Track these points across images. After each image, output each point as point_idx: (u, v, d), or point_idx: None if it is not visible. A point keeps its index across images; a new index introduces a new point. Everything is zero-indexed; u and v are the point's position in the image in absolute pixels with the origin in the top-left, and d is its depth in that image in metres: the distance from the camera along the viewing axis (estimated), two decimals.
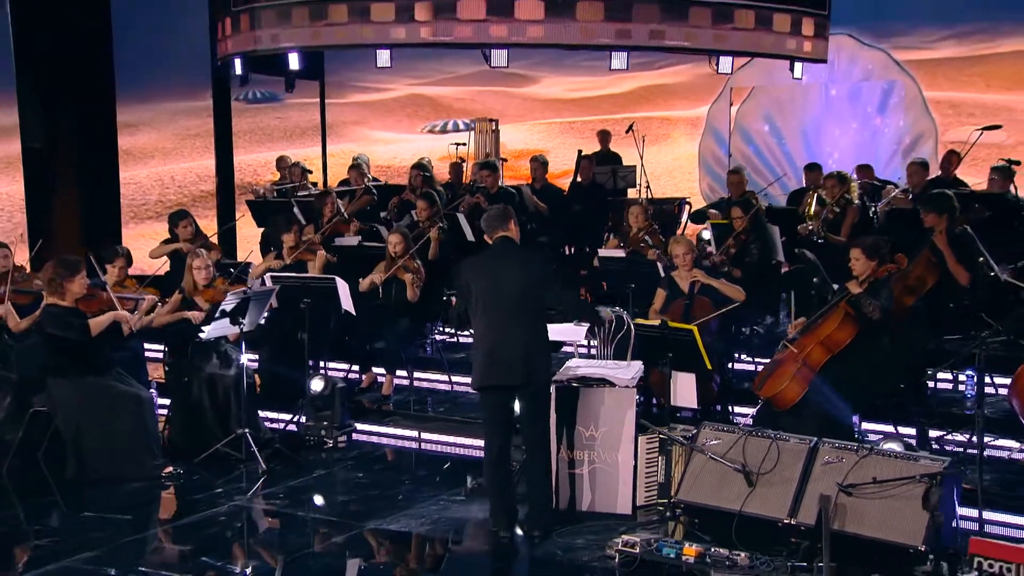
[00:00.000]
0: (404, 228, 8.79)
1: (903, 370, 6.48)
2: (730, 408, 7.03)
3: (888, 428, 6.50)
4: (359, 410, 7.79)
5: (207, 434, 6.93)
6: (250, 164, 14.74)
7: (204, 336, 6.89)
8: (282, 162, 11.96)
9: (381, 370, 8.25)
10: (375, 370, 8.31)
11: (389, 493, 6.40)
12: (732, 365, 7.66)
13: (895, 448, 5.39)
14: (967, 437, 6.38)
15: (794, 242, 8.36)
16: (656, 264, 7.79)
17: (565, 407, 5.96)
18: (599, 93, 15.19)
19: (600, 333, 6.65)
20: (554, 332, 5.91)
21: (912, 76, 12.87)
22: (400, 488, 6.50)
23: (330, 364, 8.42)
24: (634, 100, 14.94)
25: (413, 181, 10.27)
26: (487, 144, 12.90)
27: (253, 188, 12.27)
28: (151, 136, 13.88)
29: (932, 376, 7.17)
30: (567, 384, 5.99)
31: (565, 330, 6.42)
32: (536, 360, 5.53)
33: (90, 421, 6.55)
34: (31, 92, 10.98)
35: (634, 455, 5.95)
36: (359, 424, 7.55)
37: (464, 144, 12.68)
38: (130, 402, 6.65)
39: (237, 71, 8.58)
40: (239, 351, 7.02)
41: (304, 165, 11.77)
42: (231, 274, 7.69)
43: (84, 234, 10.74)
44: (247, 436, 6.79)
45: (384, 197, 10.49)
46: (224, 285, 7.41)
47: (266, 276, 7.84)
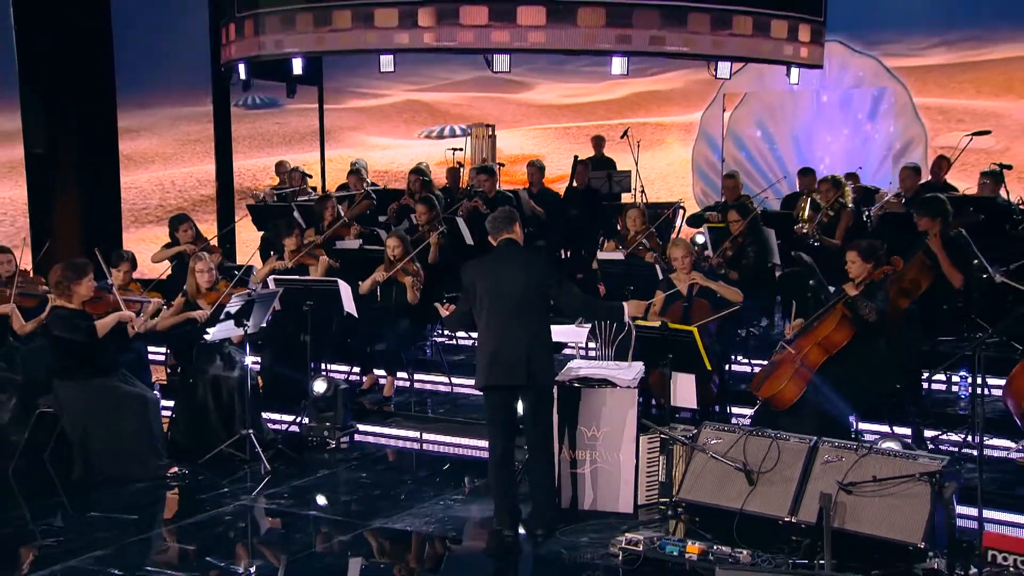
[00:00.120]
0: (402, 232, 8.86)
1: (899, 371, 6.56)
2: (728, 409, 7.08)
3: (884, 428, 6.55)
4: (360, 411, 7.83)
5: (211, 435, 6.97)
6: (249, 169, 14.78)
7: (209, 338, 6.93)
8: (281, 167, 11.99)
9: (382, 372, 8.30)
10: (376, 372, 8.37)
11: (392, 493, 6.45)
12: (729, 367, 7.74)
13: (894, 447, 5.44)
14: (962, 437, 6.47)
15: (790, 245, 8.45)
16: (655, 266, 7.85)
17: (567, 407, 6.00)
18: (594, 99, 15.28)
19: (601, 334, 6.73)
20: (556, 333, 5.96)
21: (902, 83, 12.99)
22: (403, 488, 6.55)
23: (331, 366, 8.47)
24: (628, 106, 15.03)
25: (412, 186, 10.30)
26: (484, 149, 12.94)
27: (253, 193, 12.30)
28: (152, 141, 13.89)
29: (928, 379, 7.26)
30: (569, 384, 6.04)
31: (567, 331, 6.49)
32: (538, 361, 5.57)
33: (96, 422, 6.58)
34: (34, 96, 10.98)
35: (635, 455, 5.99)
36: (361, 425, 7.61)
37: (461, 149, 12.72)
38: (135, 403, 6.69)
39: (241, 76, 8.60)
40: (243, 353, 7.07)
41: (303, 170, 11.82)
42: (234, 276, 7.73)
43: (85, 238, 10.73)
44: (251, 437, 6.84)
45: (383, 202, 10.52)
46: (227, 288, 7.45)
47: (269, 279, 7.89)
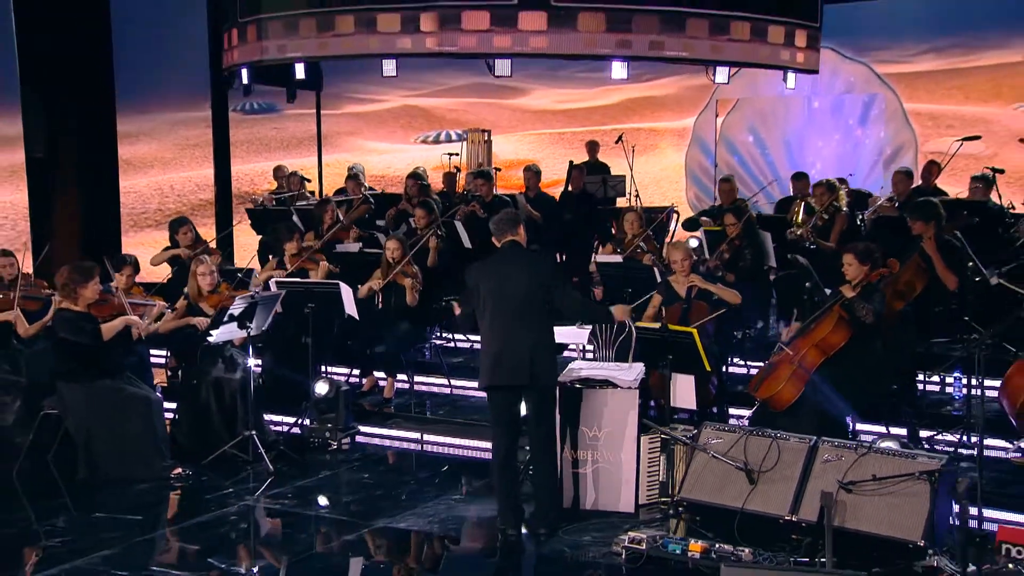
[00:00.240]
0: (401, 235, 8.92)
1: (895, 373, 6.63)
2: (726, 410, 7.13)
3: (880, 429, 6.60)
4: (361, 413, 7.87)
5: (214, 437, 7.00)
6: (247, 174, 14.80)
7: (212, 340, 6.97)
8: (280, 171, 12.01)
9: (382, 374, 8.35)
10: (376, 374, 8.41)
11: (394, 493, 6.50)
12: (726, 368, 7.81)
13: (893, 447, 5.49)
14: (957, 437, 6.55)
15: (786, 248, 8.54)
16: (652, 269, 7.92)
17: (569, 408, 6.06)
18: (588, 105, 15.37)
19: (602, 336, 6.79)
20: (558, 335, 6.03)
21: (893, 89, 13.09)
22: (405, 488, 6.59)
23: (332, 368, 8.50)
24: (622, 111, 15.12)
25: (409, 190, 10.35)
26: (479, 154, 12.99)
27: (252, 197, 12.34)
28: (151, 146, 13.91)
29: (924, 380, 7.34)
30: (571, 385, 6.09)
31: (568, 332, 6.56)
32: (542, 362, 5.62)
33: (100, 423, 6.62)
34: (34, 97, 11.00)
35: (636, 455, 6.05)
36: (362, 426, 7.66)
37: (457, 154, 12.77)
38: (139, 404, 6.72)
39: (243, 81, 8.63)
40: (245, 355, 7.11)
41: (302, 174, 11.86)
42: (236, 279, 7.77)
43: (85, 241, 10.76)
44: (254, 438, 6.88)
45: (380, 206, 10.58)
46: (228, 290, 7.49)
47: (271, 281, 7.93)
